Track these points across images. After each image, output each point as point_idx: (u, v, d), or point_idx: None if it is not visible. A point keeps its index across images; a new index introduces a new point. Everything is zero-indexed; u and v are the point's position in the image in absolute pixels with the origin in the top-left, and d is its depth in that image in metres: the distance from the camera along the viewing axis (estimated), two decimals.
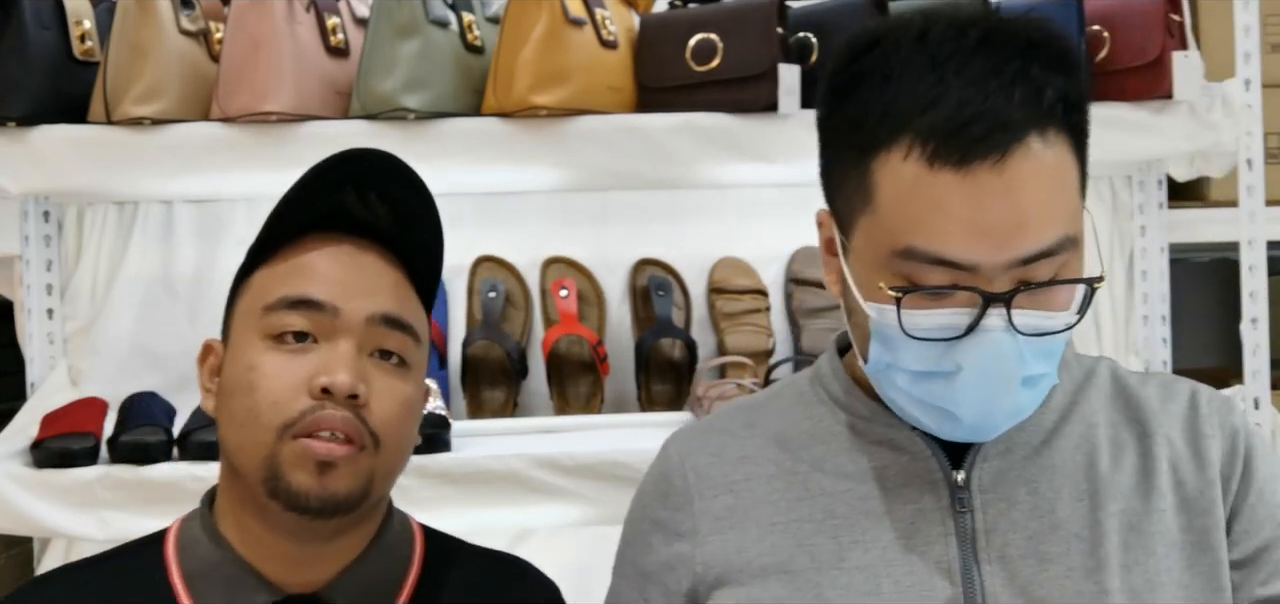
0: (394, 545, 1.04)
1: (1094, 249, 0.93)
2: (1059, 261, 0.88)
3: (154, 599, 0.98)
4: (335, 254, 0.99)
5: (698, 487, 1.02)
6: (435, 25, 1.66)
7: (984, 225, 0.85)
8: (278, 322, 0.96)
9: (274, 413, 0.93)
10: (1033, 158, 0.86)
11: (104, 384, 1.92)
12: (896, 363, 0.91)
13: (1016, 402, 0.90)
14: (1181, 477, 0.97)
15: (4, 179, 1.69)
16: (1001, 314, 0.86)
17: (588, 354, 1.86)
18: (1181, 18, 1.79)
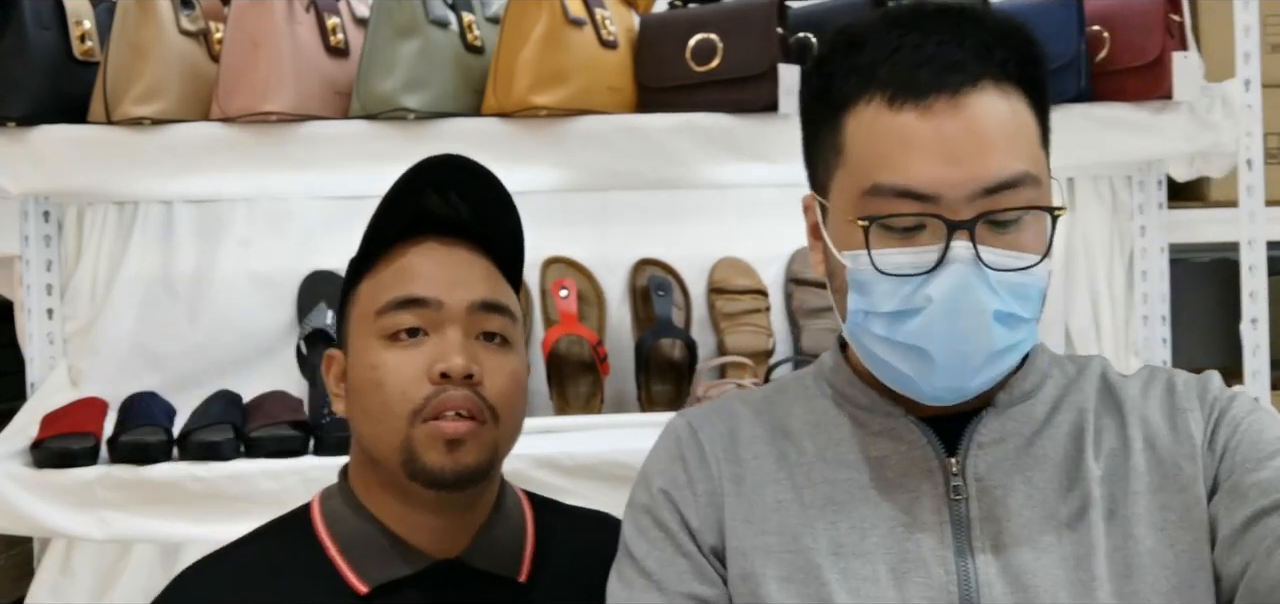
0: (511, 512, 1.15)
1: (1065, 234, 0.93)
2: (1022, 198, 0.91)
3: (315, 569, 1.08)
4: (430, 253, 1.09)
5: (713, 453, 1.04)
6: (435, 25, 1.66)
7: (944, 153, 0.90)
8: (391, 322, 1.07)
9: (403, 402, 1.04)
10: (988, 99, 0.91)
11: (104, 384, 1.92)
12: (872, 307, 0.94)
13: (990, 338, 0.91)
14: (1159, 456, 0.98)
15: (4, 179, 1.69)
16: (968, 248, 0.90)
17: (588, 354, 1.86)
18: (1181, 18, 1.79)
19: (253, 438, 1.70)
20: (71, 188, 1.76)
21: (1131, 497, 0.96)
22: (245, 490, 1.62)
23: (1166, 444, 0.98)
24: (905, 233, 0.92)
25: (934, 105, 0.90)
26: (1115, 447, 0.99)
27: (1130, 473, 0.97)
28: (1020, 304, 0.93)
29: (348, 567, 1.07)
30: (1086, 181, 2.05)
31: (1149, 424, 0.99)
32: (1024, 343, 0.95)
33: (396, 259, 1.09)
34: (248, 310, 1.97)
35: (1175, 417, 0.99)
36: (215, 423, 1.73)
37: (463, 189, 1.11)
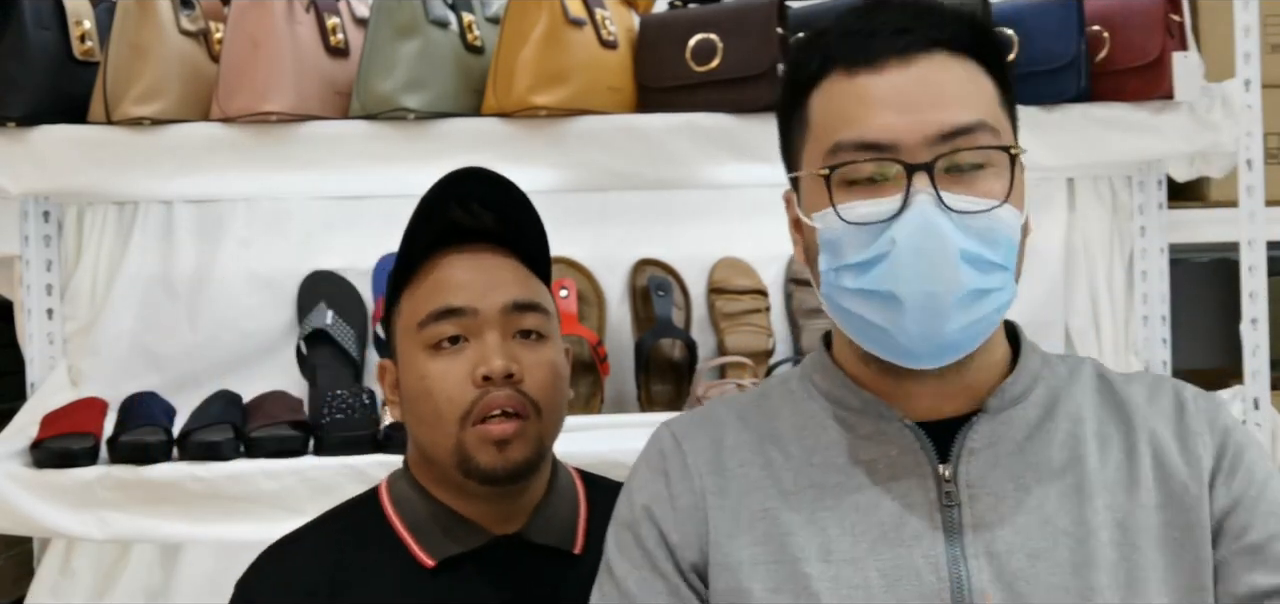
0: (565, 489, 1.23)
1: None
2: (980, 143, 0.93)
3: (388, 546, 1.16)
4: (461, 263, 1.17)
5: (696, 465, 1.03)
6: (435, 25, 1.66)
7: (899, 105, 0.93)
8: (433, 333, 1.14)
9: (451, 407, 1.13)
10: (940, 60, 0.95)
11: (104, 384, 1.92)
12: (842, 261, 0.95)
13: (957, 276, 0.91)
14: (1167, 472, 0.97)
15: (4, 179, 1.69)
16: (929, 190, 0.91)
17: (588, 354, 1.86)
18: (1181, 18, 1.79)
19: (252, 438, 1.70)
20: (71, 188, 1.76)
21: (1140, 510, 0.95)
22: (245, 490, 1.62)
23: (1175, 462, 0.97)
24: (869, 185, 0.94)
25: (887, 65, 0.94)
26: (1121, 458, 0.98)
27: (1137, 485, 0.96)
28: (988, 248, 0.92)
29: (416, 543, 1.16)
30: (1086, 181, 2.05)
31: (1157, 438, 0.98)
32: (999, 293, 0.94)
33: (431, 272, 1.17)
34: (248, 310, 1.97)
35: (1185, 436, 0.98)
36: (215, 423, 1.73)
37: (484, 198, 1.17)
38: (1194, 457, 0.97)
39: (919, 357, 0.95)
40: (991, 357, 1.01)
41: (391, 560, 1.15)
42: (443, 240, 1.18)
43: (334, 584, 1.14)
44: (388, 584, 1.14)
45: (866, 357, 0.99)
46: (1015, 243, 0.95)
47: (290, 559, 1.18)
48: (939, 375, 0.97)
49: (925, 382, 0.98)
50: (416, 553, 1.15)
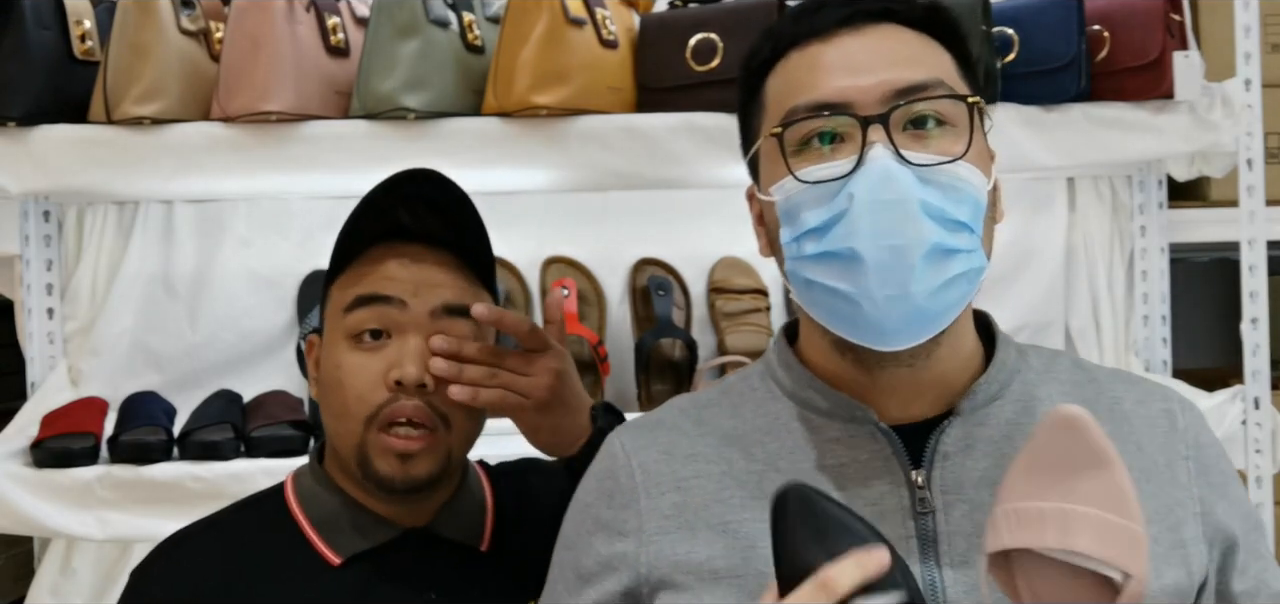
0: (473, 487, 1.21)
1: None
2: (937, 105, 0.91)
3: (290, 542, 1.13)
4: (399, 258, 1.13)
5: (645, 484, 0.97)
6: (435, 25, 1.66)
7: (852, 66, 0.92)
8: (356, 321, 1.11)
9: (360, 406, 1.09)
10: (893, 30, 0.94)
11: (104, 384, 1.92)
12: (801, 228, 0.91)
13: (920, 230, 0.87)
14: (1157, 487, 0.94)
15: (4, 179, 1.69)
16: (885, 143, 0.89)
17: (588, 354, 1.86)
18: (1182, 18, 1.79)
19: (253, 437, 1.70)
20: (72, 188, 1.76)
21: None
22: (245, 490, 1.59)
23: (1162, 475, 0.95)
24: (824, 148, 0.91)
25: (837, 35, 0.93)
26: None
27: None
28: (951, 204, 0.89)
29: (321, 540, 1.13)
30: (1086, 181, 2.05)
31: (1145, 452, 0.96)
32: (967, 255, 0.90)
33: (368, 262, 1.13)
34: (248, 310, 1.97)
35: (1173, 461, 0.96)
36: (215, 422, 1.73)
37: (431, 200, 1.14)
38: (1184, 479, 0.95)
39: (888, 332, 0.89)
40: (963, 349, 0.97)
41: (293, 558, 1.12)
42: (387, 237, 1.15)
43: (226, 582, 1.10)
44: (287, 582, 1.10)
45: (836, 347, 0.94)
46: (981, 205, 0.91)
47: (184, 552, 1.15)
48: (910, 367, 0.93)
49: (896, 375, 0.93)
50: (321, 550, 1.12)
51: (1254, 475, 1.77)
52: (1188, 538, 0.93)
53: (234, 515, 1.19)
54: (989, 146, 0.96)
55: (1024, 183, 2.07)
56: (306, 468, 1.20)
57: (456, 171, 1.71)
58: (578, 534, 1.01)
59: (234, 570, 1.12)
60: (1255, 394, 1.78)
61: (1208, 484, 0.96)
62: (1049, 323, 2.07)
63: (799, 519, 0.82)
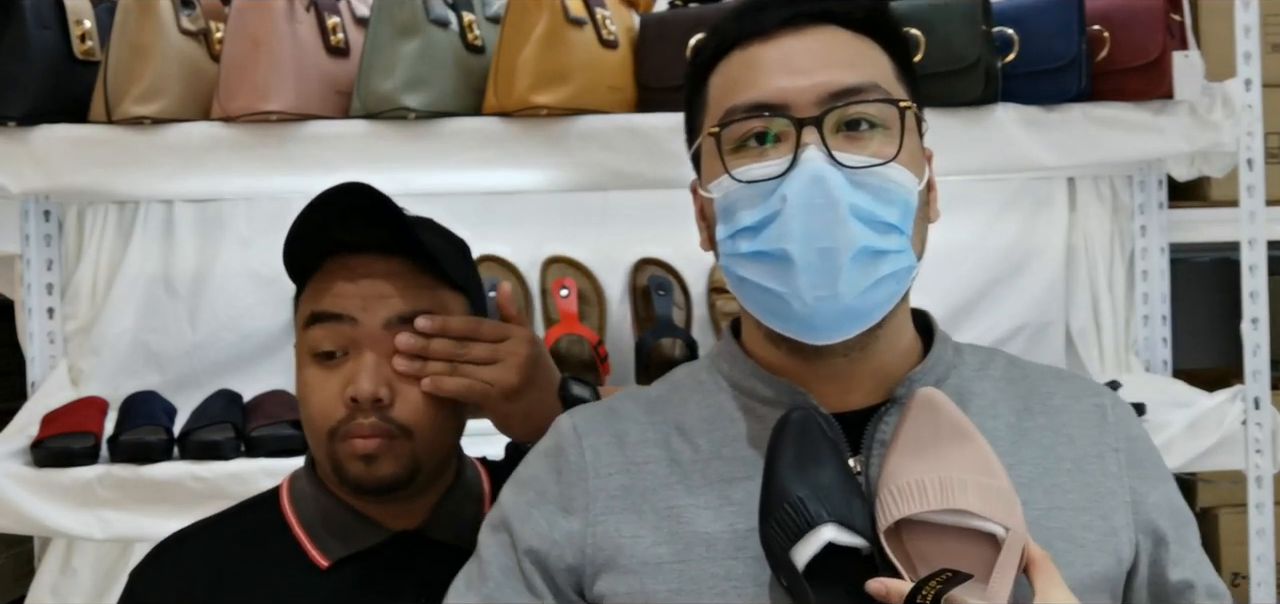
0: (471, 485, 1.20)
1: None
2: (870, 108, 0.93)
3: (282, 546, 1.14)
4: (349, 273, 1.12)
5: (594, 464, 0.99)
6: (436, 25, 1.66)
7: (790, 67, 0.93)
8: (313, 340, 1.12)
9: (323, 421, 1.11)
10: (832, 32, 0.95)
11: (104, 383, 1.92)
12: (736, 225, 0.93)
13: (848, 233, 0.89)
14: (1089, 478, 0.97)
15: (4, 179, 1.69)
16: (818, 145, 0.90)
17: (588, 354, 1.86)
18: (1182, 18, 1.79)
19: (253, 437, 1.70)
20: (72, 187, 1.76)
21: (1055, 512, 0.94)
22: (246, 490, 1.61)
23: (1093, 465, 0.97)
24: (761, 147, 0.93)
25: (778, 35, 0.95)
26: (1037, 455, 0.96)
27: (1056, 489, 0.95)
28: (882, 207, 0.91)
29: (311, 543, 1.14)
30: (1087, 181, 2.05)
31: (1076, 443, 0.98)
32: (896, 256, 0.92)
33: (322, 278, 1.13)
34: (248, 310, 1.97)
35: (1104, 453, 0.98)
36: (215, 422, 1.73)
37: (368, 213, 1.11)
38: (1114, 470, 0.98)
39: (817, 327, 0.92)
40: (900, 342, 0.99)
41: (284, 561, 1.13)
42: (334, 252, 1.13)
43: (216, 585, 1.12)
44: (276, 586, 1.11)
45: (774, 339, 0.97)
46: (911, 206, 0.93)
47: (178, 555, 1.16)
48: (846, 358, 0.95)
49: (833, 365, 0.95)
50: (311, 553, 1.13)
51: (1254, 475, 1.77)
52: (1118, 526, 0.96)
53: (230, 518, 1.20)
54: (924, 148, 0.98)
55: (1024, 183, 2.07)
56: (301, 470, 1.20)
57: (456, 172, 1.73)
58: (518, 507, 1.00)
59: (225, 573, 1.13)
60: (1255, 394, 1.78)
61: (1138, 476, 0.99)
62: (1049, 323, 2.07)
63: (788, 445, 0.89)
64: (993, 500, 0.87)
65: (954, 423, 0.91)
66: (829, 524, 0.85)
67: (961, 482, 0.87)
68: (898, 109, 0.93)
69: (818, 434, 0.90)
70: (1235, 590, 2.07)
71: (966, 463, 0.88)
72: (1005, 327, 2.06)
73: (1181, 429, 1.74)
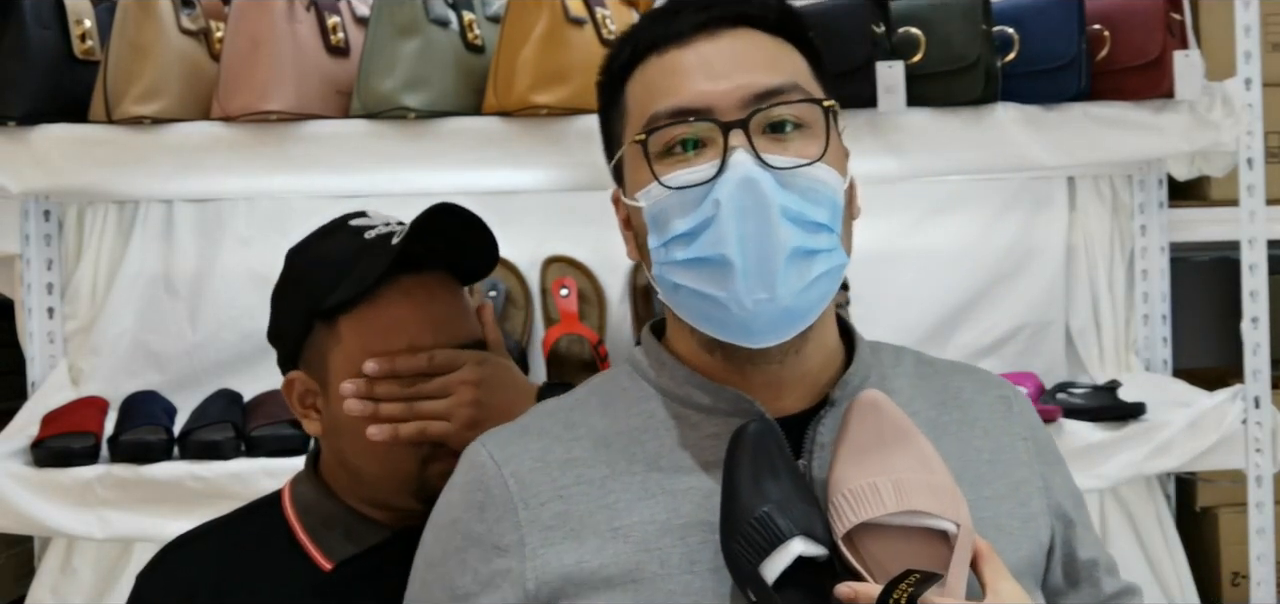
0: None
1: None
2: (795, 109, 0.93)
3: (284, 547, 1.15)
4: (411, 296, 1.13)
5: (521, 495, 0.94)
6: (436, 24, 1.66)
7: (710, 70, 0.93)
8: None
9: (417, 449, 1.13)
10: (748, 34, 0.96)
11: (104, 383, 1.92)
12: (669, 233, 0.93)
13: (782, 234, 0.89)
14: (1004, 468, 0.99)
15: (4, 179, 1.69)
16: (747, 150, 0.90)
17: (588, 353, 1.86)
18: (1182, 17, 1.79)
19: (253, 437, 1.70)
20: (72, 187, 1.76)
21: (980, 502, 0.95)
22: (246, 489, 1.62)
23: (1007, 455, 1.00)
24: (687, 153, 0.93)
25: (695, 39, 0.95)
26: (953, 447, 0.97)
27: (979, 481, 0.97)
28: (811, 207, 0.91)
29: (313, 545, 1.14)
30: (1087, 181, 2.05)
31: (991, 435, 1.01)
32: (827, 255, 0.92)
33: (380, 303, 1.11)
34: (248, 310, 1.97)
35: (1014, 442, 1.02)
36: (216, 422, 1.73)
37: (451, 236, 1.14)
38: (1028, 458, 1.01)
39: (755, 331, 0.91)
40: (826, 344, 0.99)
41: (287, 563, 1.14)
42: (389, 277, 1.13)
43: (219, 589, 1.12)
44: (280, 588, 1.12)
45: (708, 346, 0.96)
46: (839, 205, 0.94)
47: (182, 558, 1.17)
48: (780, 363, 0.95)
49: (767, 371, 0.95)
50: (314, 555, 1.14)
51: (1254, 475, 1.77)
52: (1035, 511, 0.99)
53: (233, 522, 1.20)
54: (843, 146, 0.98)
55: (1024, 182, 2.07)
56: (303, 473, 1.21)
57: (456, 171, 1.72)
58: (446, 552, 0.96)
59: (228, 575, 1.13)
60: (1255, 394, 1.78)
61: (1044, 463, 1.03)
62: (1049, 323, 2.06)
63: (745, 459, 0.89)
64: (942, 499, 0.88)
65: (896, 424, 0.92)
66: (797, 538, 0.85)
67: (913, 482, 0.88)
68: (821, 108, 0.94)
69: (773, 445, 0.90)
70: (1235, 590, 2.07)
71: (913, 462, 0.89)
72: (1005, 326, 2.06)
73: (1181, 429, 1.74)
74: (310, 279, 1.14)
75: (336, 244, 1.15)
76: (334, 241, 1.16)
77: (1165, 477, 1.98)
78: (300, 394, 1.16)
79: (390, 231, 1.15)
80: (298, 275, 1.16)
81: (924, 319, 2.03)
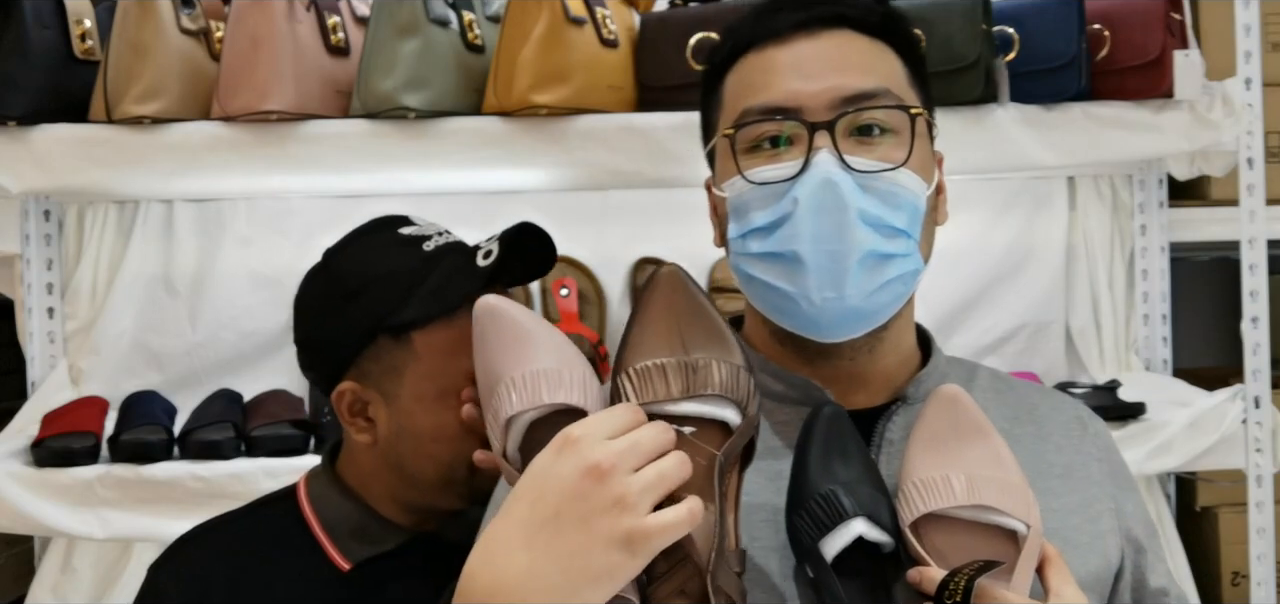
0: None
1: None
2: (882, 114, 0.94)
3: (302, 547, 1.15)
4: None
5: None
6: (436, 24, 1.66)
7: (802, 72, 0.94)
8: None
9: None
10: (847, 36, 0.96)
11: (104, 383, 1.92)
12: (748, 225, 0.95)
13: (857, 237, 0.90)
14: (1075, 482, 0.99)
15: (4, 179, 1.69)
16: (831, 151, 0.91)
17: (589, 353, 1.86)
18: (1182, 17, 1.79)
19: (253, 437, 1.70)
20: (72, 187, 1.76)
21: (1049, 513, 0.95)
22: (246, 489, 1.62)
23: (1079, 472, 1.00)
24: (774, 150, 0.94)
25: (793, 38, 0.96)
26: (1031, 460, 0.97)
27: (1049, 492, 0.97)
28: (890, 211, 0.92)
29: (332, 545, 1.14)
30: (1087, 180, 2.05)
31: (1063, 452, 1.01)
32: (903, 260, 0.93)
33: (457, 319, 1.08)
34: (248, 309, 1.97)
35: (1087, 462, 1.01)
36: (216, 422, 1.73)
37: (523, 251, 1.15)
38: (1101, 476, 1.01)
39: (824, 326, 0.94)
40: (903, 345, 1.01)
41: (302, 562, 1.14)
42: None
43: (236, 583, 1.12)
44: (297, 586, 1.12)
45: (780, 337, 0.98)
46: (919, 210, 0.94)
47: (197, 551, 1.17)
48: (851, 360, 0.97)
49: (839, 365, 0.97)
50: (332, 555, 1.14)
51: (1254, 475, 1.77)
52: (1105, 530, 0.98)
53: (247, 515, 1.20)
54: (934, 152, 0.99)
55: (1024, 182, 2.07)
56: (319, 470, 1.20)
57: (456, 171, 1.73)
58: None
59: (243, 570, 1.13)
60: (1255, 394, 1.78)
61: (1117, 486, 1.02)
62: (1049, 322, 2.06)
63: (817, 439, 0.89)
64: (1014, 497, 0.88)
65: (973, 420, 0.92)
66: (859, 518, 0.85)
67: (985, 478, 0.88)
68: (908, 115, 0.94)
69: (845, 429, 0.91)
70: (1235, 590, 2.07)
71: (986, 459, 0.90)
72: (1005, 326, 2.06)
73: (1181, 428, 1.74)
74: (373, 293, 1.12)
75: (396, 257, 1.13)
76: (394, 255, 1.13)
77: (1165, 476, 1.98)
78: (350, 404, 1.15)
79: (448, 242, 1.14)
80: (355, 288, 1.13)
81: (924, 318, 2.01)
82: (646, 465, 0.78)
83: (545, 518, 0.77)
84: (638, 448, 0.78)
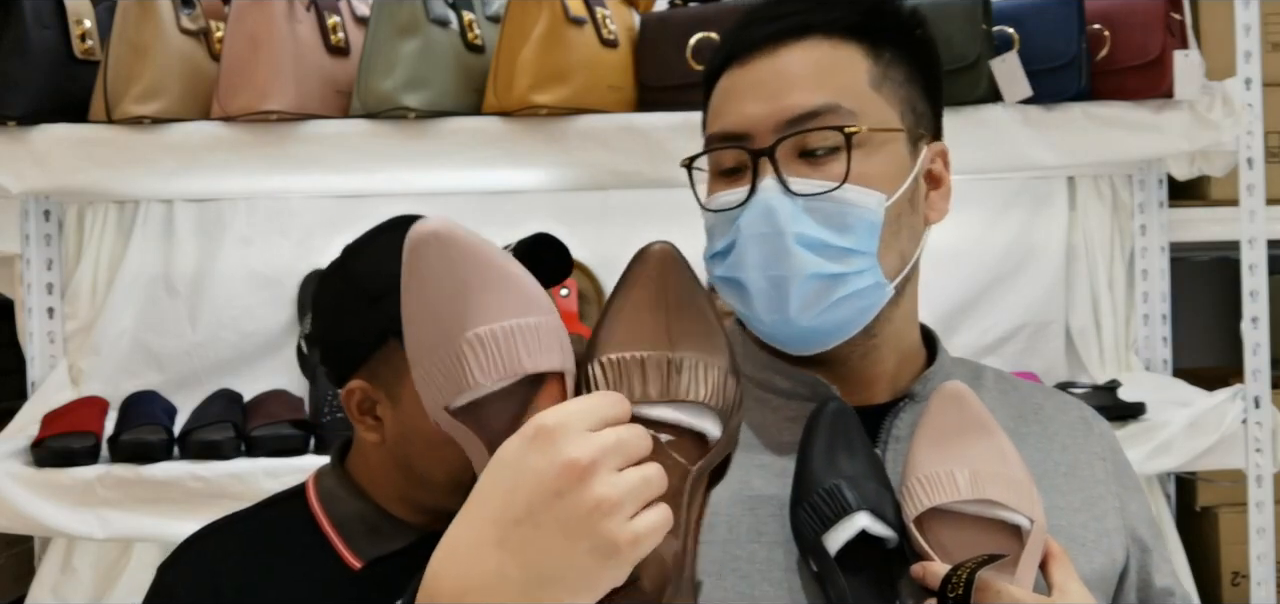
0: None
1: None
2: (821, 128, 0.92)
3: (312, 544, 1.14)
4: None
5: None
6: (436, 24, 1.66)
7: (759, 92, 0.94)
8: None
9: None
10: (809, 46, 0.94)
11: (104, 383, 1.92)
12: (712, 248, 0.97)
13: (795, 262, 0.90)
14: (1081, 481, 0.99)
15: (4, 179, 1.69)
16: (774, 178, 0.91)
17: None
18: (1182, 17, 1.79)
19: (253, 437, 1.70)
20: (72, 187, 1.76)
21: (1054, 511, 0.95)
22: (246, 489, 1.62)
23: (1084, 471, 1.00)
24: (732, 175, 0.95)
25: (754, 58, 0.95)
26: (1036, 458, 0.98)
27: (1054, 490, 0.97)
28: (835, 233, 0.91)
29: (343, 544, 1.14)
30: (1087, 180, 2.05)
31: (1068, 451, 1.01)
32: (855, 277, 0.92)
33: None
34: (248, 309, 1.97)
35: (1092, 461, 1.01)
36: (216, 422, 1.73)
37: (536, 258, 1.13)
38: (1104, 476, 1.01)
39: (783, 342, 0.96)
40: (903, 346, 1.00)
41: (313, 561, 1.14)
42: None
43: (246, 582, 1.12)
44: (307, 584, 1.12)
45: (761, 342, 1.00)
46: (875, 225, 0.92)
47: (207, 550, 1.16)
48: (844, 363, 0.96)
49: (832, 368, 0.97)
50: (343, 554, 1.14)
51: (1254, 475, 1.77)
52: (1110, 528, 0.99)
53: (256, 515, 1.20)
54: (906, 156, 0.96)
55: (1024, 182, 2.07)
56: (329, 469, 1.20)
57: (456, 171, 1.72)
58: None
59: (255, 570, 1.13)
60: (1255, 393, 1.78)
61: (1122, 486, 1.02)
62: (1049, 322, 2.06)
63: (822, 433, 0.90)
64: (1018, 493, 0.88)
65: (978, 416, 0.92)
66: (863, 512, 0.86)
67: (989, 473, 0.88)
68: (844, 133, 0.92)
69: (851, 424, 0.91)
70: (1235, 590, 2.07)
71: (991, 454, 0.90)
72: (1005, 326, 2.06)
73: (1181, 428, 1.74)
74: (395, 299, 1.13)
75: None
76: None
77: (1165, 476, 1.98)
78: (359, 402, 1.15)
79: None
80: (373, 291, 1.12)
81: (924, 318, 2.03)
82: (630, 468, 0.70)
83: (517, 517, 0.70)
84: (622, 448, 0.70)
